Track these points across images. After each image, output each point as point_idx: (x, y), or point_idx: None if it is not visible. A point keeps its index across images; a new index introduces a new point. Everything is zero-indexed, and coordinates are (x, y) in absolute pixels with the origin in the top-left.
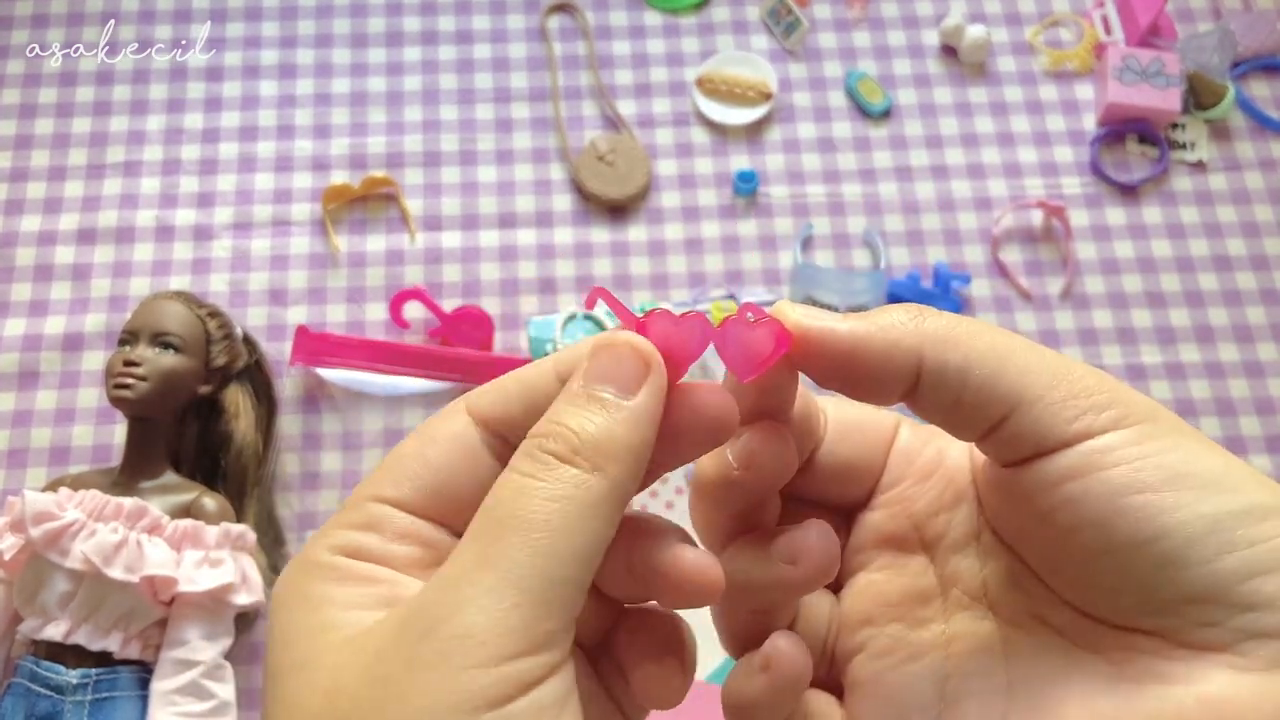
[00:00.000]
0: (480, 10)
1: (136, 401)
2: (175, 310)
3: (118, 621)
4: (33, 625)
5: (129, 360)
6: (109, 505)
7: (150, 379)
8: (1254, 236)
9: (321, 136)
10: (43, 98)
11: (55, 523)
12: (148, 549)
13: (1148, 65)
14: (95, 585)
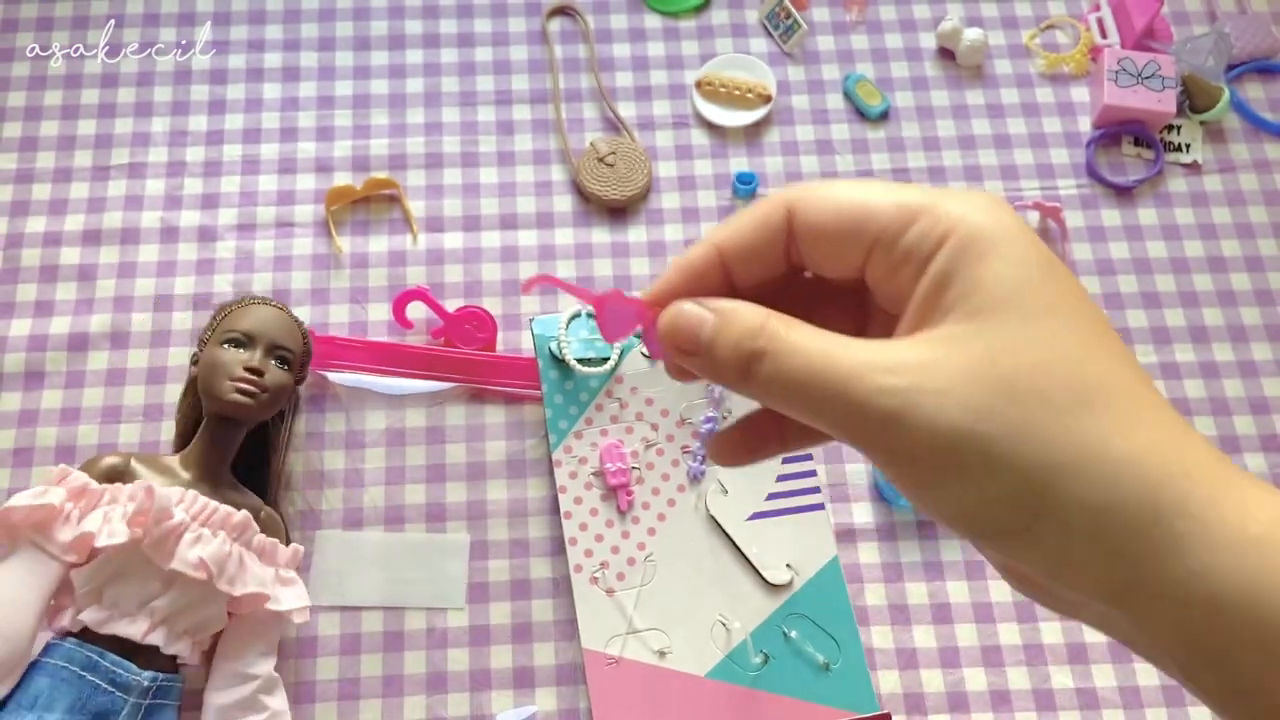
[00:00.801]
0: (482, 13)
1: (255, 410)
2: (289, 326)
3: (192, 628)
4: (98, 617)
5: (254, 369)
6: (217, 513)
7: (269, 392)
8: (1248, 238)
9: (324, 138)
10: (48, 100)
11: (171, 522)
12: (249, 564)
13: (1143, 68)
14: (186, 591)
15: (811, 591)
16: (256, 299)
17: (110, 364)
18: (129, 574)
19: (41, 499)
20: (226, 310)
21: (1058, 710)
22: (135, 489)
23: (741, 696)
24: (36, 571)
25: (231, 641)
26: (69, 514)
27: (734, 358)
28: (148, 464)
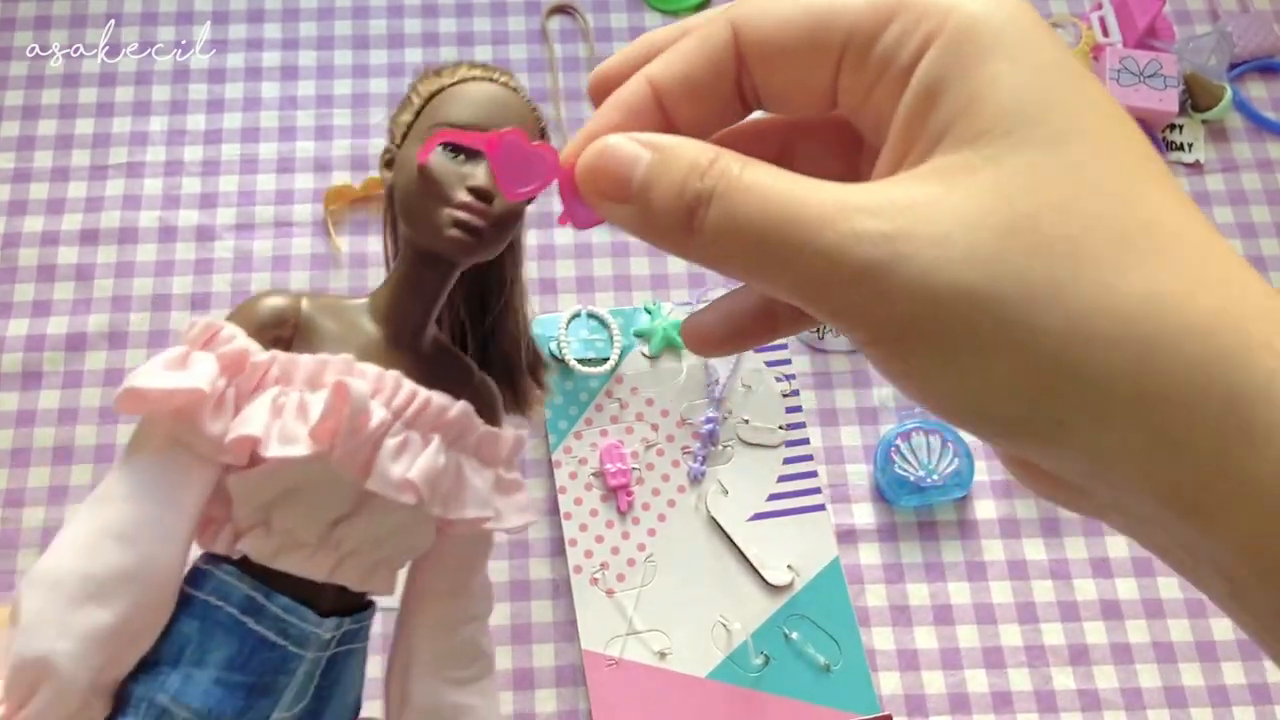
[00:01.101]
0: (481, 12)
1: (478, 249)
2: (526, 114)
3: (388, 559)
4: (265, 548)
5: (482, 190)
6: (429, 406)
7: (500, 224)
8: (1250, 237)
9: (323, 138)
10: (45, 99)
11: (370, 425)
12: (468, 476)
13: (1145, 67)
14: (384, 515)
15: (812, 592)
16: (474, 67)
17: (108, 364)
18: (309, 492)
19: (184, 378)
20: (434, 81)
21: (1059, 712)
22: (316, 369)
23: (742, 698)
24: (181, 481)
25: (439, 569)
26: (223, 395)
27: (676, 203)
28: (325, 314)
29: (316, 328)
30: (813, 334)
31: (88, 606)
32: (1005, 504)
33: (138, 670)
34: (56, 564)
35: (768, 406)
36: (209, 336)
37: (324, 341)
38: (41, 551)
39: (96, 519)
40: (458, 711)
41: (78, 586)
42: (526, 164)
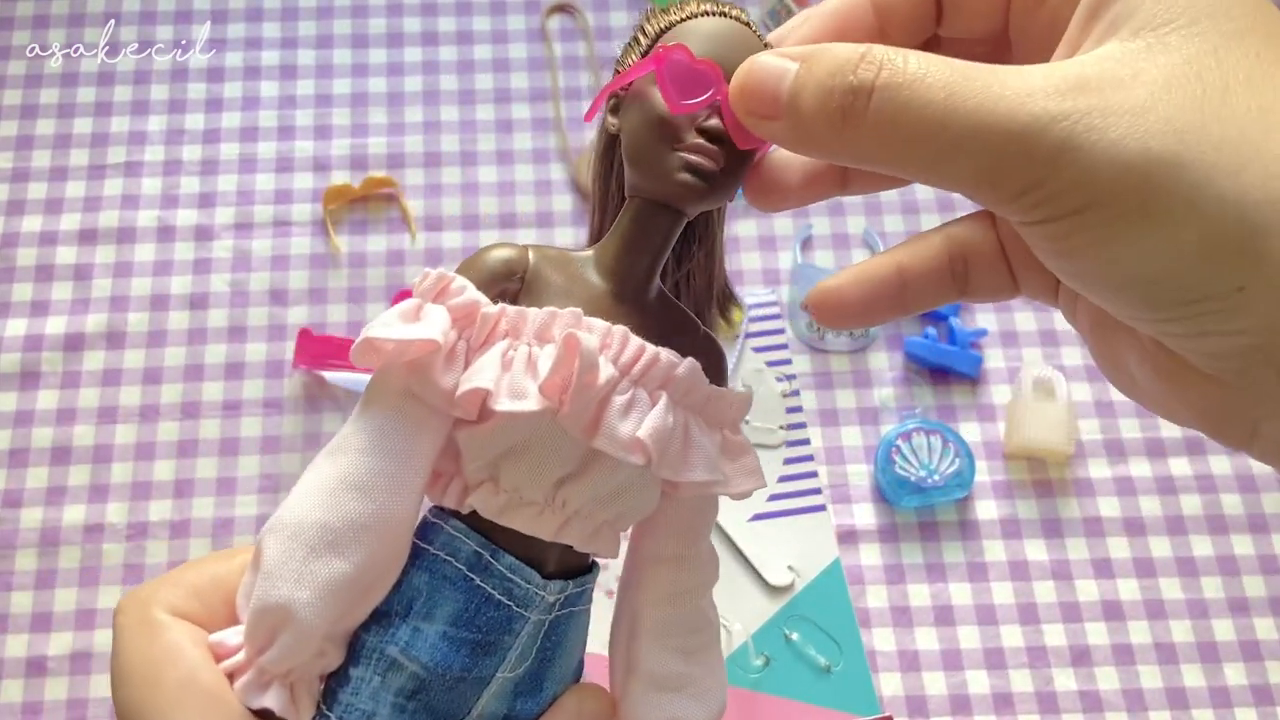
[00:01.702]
0: (481, 11)
1: (710, 196)
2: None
3: (615, 519)
4: (494, 504)
5: (714, 131)
6: (658, 363)
7: (730, 169)
8: None
9: (322, 137)
10: (44, 98)
11: (598, 382)
12: (696, 436)
13: None
14: (612, 473)
15: (813, 593)
16: (712, 1)
17: (106, 364)
18: (535, 449)
19: (418, 329)
20: (661, 19)
21: (1061, 713)
22: (545, 322)
23: (742, 699)
24: (414, 433)
25: (665, 534)
26: (454, 348)
27: (826, 102)
28: (551, 266)
29: (543, 280)
30: (813, 334)
31: (326, 556)
32: (1006, 504)
33: (370, 620)
34: (296, 512)
35: (768, 406)
36: (441, 288)
37: (550, 294)
38: (39, 551)
39: (334, 469)
40: (684, 681)
41: (316, 535)
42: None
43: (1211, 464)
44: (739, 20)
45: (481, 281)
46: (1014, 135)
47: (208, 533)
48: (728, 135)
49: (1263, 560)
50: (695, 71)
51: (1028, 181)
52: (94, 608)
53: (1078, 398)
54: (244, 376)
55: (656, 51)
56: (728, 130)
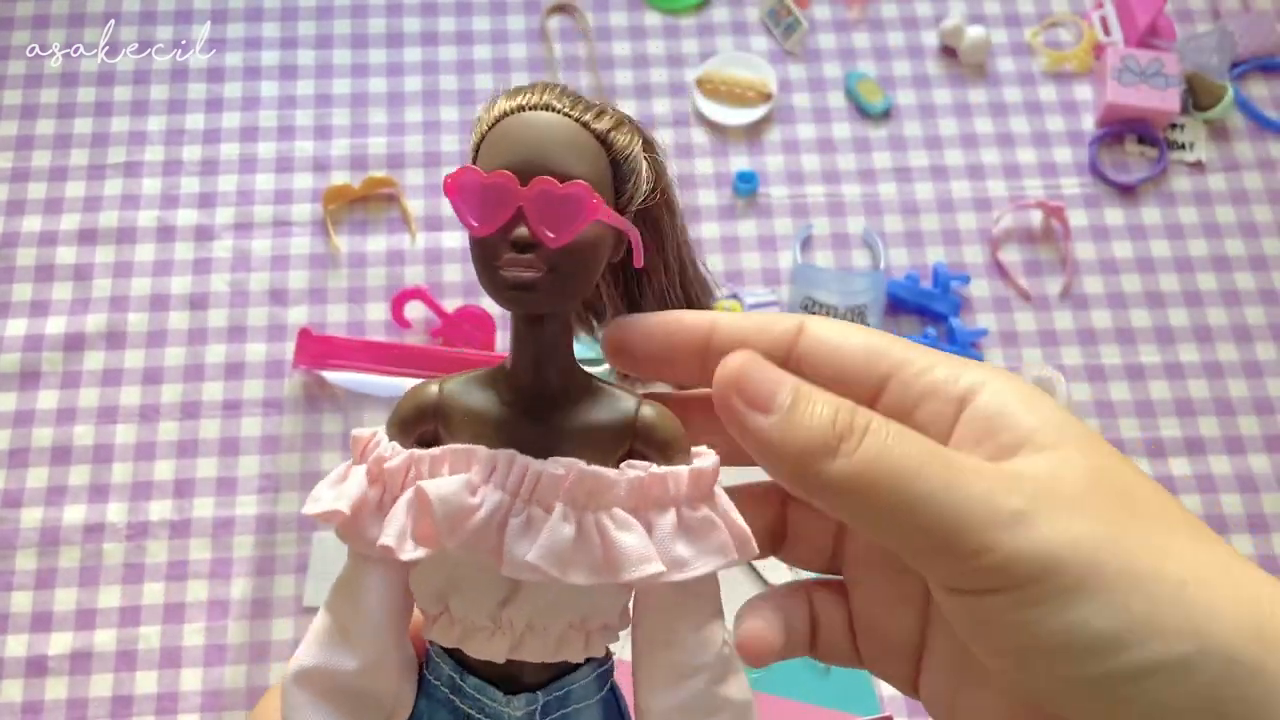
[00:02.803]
0: (480, 11)
1: (546, 300)
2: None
3: (574, 625)
4: (449, 634)
5: (522, 241)
6: (541, 479)
7: (558, 269)
8: (1253, 237)
9: (322, 137)
10: (44, 98)
11: (478, 517)
12: (615, 536)
13: (1146, 66)
14: (542, 589)
15: None
16: (515, 94)
17: (106, 364)
18: (467, 580)
19: (331, 499)
20: (479, 127)
21: None
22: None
23: None
24: (366, 586)
25: (649, 620)
26: (380, 502)
27: (824, 429)
28: (463, 393)
29: (457, 409)
30: None
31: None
32: None
33: None
34: (304, 661)
35: None
36: (362, 449)
37: (464, 423)
38: (40, 551)
39: (327, 623)
40: None
41: (322, 681)
42: (562, 206)
43: (1211, 464)
44: (549, 107)
45: (400, 429)
46: (975, 502)
47: (208, 533)
48: (536, 240)
49: (1263, 560)
50: (486, 188)
51: (977, 551)
52: (94, 608)
53: (1078, 398)
54: (244, 376)
55: (445, 180)
56: (533, 235)
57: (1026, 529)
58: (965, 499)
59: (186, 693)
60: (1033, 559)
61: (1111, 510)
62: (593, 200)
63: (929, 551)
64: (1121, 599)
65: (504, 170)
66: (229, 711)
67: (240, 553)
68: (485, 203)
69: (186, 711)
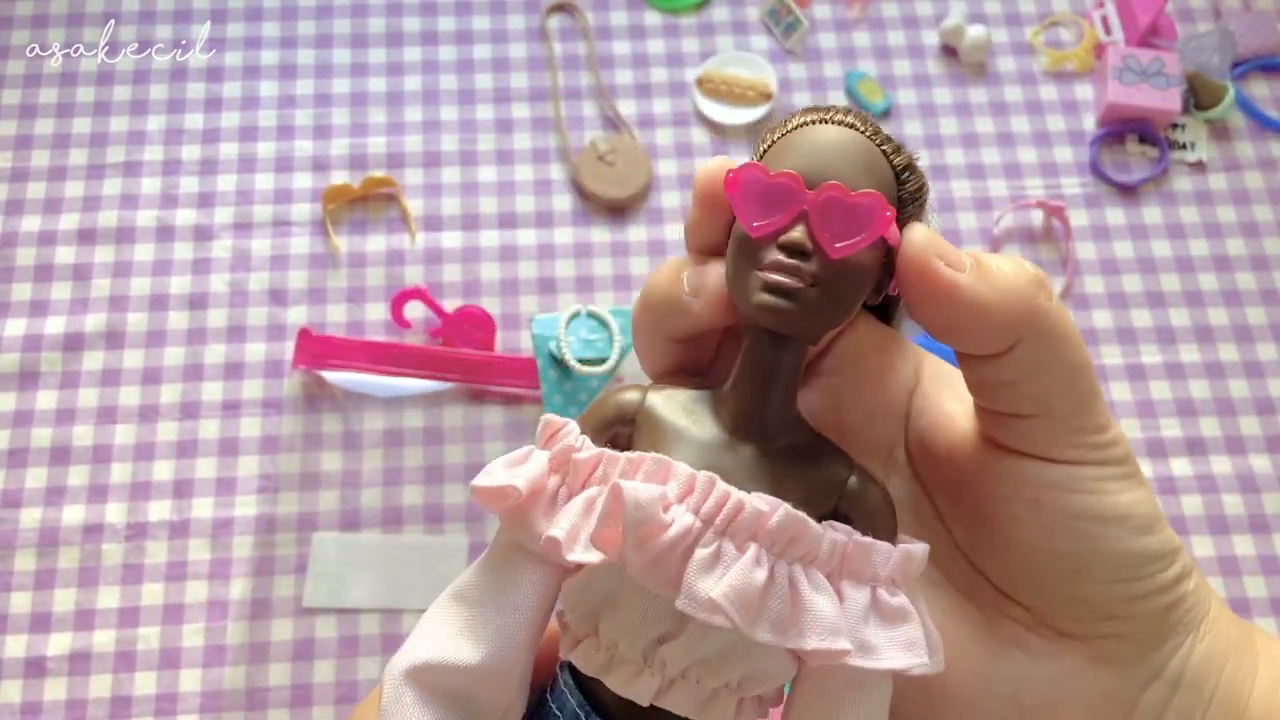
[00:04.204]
0: (480, 10)
1: (800, 319)
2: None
3: (730, 685)
4: (590, 660)
5: (793, 244)
6: (743, 512)
7: (821, 283)
8: (1254, 237)
9: (322, 137)
10: (43, 98)
11: (666, 536)
12: (808, 595)
13: (1147, 65)
14: (709, 635)
15: None
16: (810, 111)
17: (105, 364)
18: (629, 602)
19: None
20: (771, 136)
21: None
22: (628, 468)
23: None
24: (516, 582)
25: (810, 705)
26: (556, 494)
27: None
28: (672, 405)
29: (656, 422)
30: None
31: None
32: None
33: None
34: (415, 654)
35: None
36: (549, 434)
37: (661, 436)
38: (39, 551)
39: (454, 614)
40: None
41: (434, 678)
42: (851, 217)
43: (1212, 464)
44: (844, 123)
45: (593, 426)
46: None
47: (207, 533)
48: (813, 246)
49: (1263, 560)
50: (771, 187)
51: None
52: (93, 608)
53: None
54: (244, 376)
55: (728, 174)
56: (814, 238)
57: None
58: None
59: (186, 693)
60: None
61: None
62: (885, 213)
63: (1073, 415)
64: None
65: (792, 171)
66: (228, 712)
67: (240, 553)
68: (768, 202)
69: (186, 712)
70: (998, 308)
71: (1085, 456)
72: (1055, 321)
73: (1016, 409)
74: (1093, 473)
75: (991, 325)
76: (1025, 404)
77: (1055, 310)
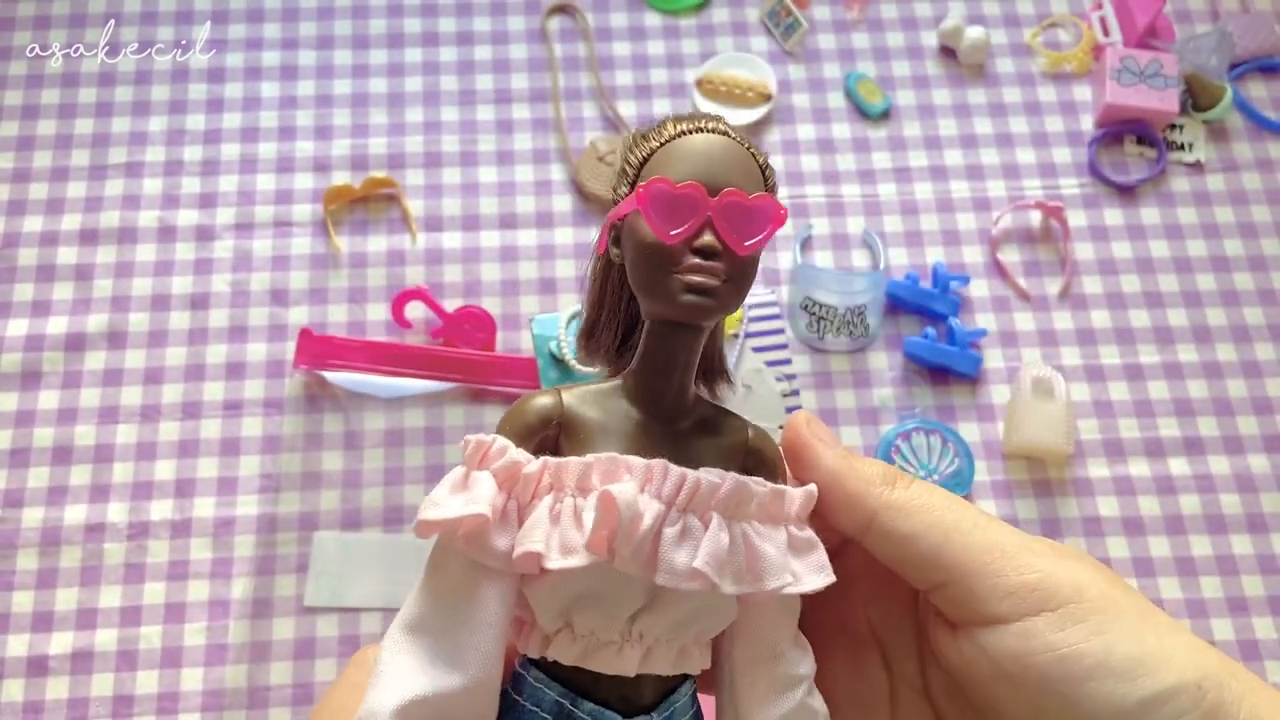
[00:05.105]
0: (481, 12)
1: (718, 310)
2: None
3: (700, 635)
4: (573, 651)
5: (708, 248)
6: (700, 488)
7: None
8: (1251, 237)
9: (323, 138)
10: (45, 99)
11: (644, 526)
12: (756, 543)
13: (1145, 66)
14: (681, 600)
15: None
16: (680, 120)
17: (107, 364)
18: (603, 592)
19: (467, 503)
20: (644, 146)
21: None
22: (583, 472)
23: None
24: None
25: (757, 633)
26: (505, 510)
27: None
28: (585, 404)
29: (579, 420)
30: (813, 334)
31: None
32: (1006, 504)
33: None
34: (399, 693)
35: (768, 406)
36: (482, 454)
37: (588, 433)
38: (41, 551)
39: (420, 646)
40: None
41: (422, 712)
42: (749, 218)
43: (1211, 464)
44: (717, 131)
45: (519, 435)
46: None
47: (208, 532)
48: (723, 248)
49: (1262, 560)
50: (678, 198)
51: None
52: (95, 607)
53: (1076, 398)
54: (245, 376)
55: (638, 189)
56: (723, 242)
57: (1057, 560)
58: (1002, 530)
59: (187, 692)
60: (1067, 579)
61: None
62: (780, 211)
63: (974, 572)
64: (1137, 627)
65: (693, 181)
66: (229, 711)
67: (241, 552)
68: (676, 210)
69: (187, 711)
70: (861, 485)
71: (1023, 606)
72: (909, 497)
73: (930, 580)
74: (1043, 623)
75: (851, 499)
76: (932, 573)
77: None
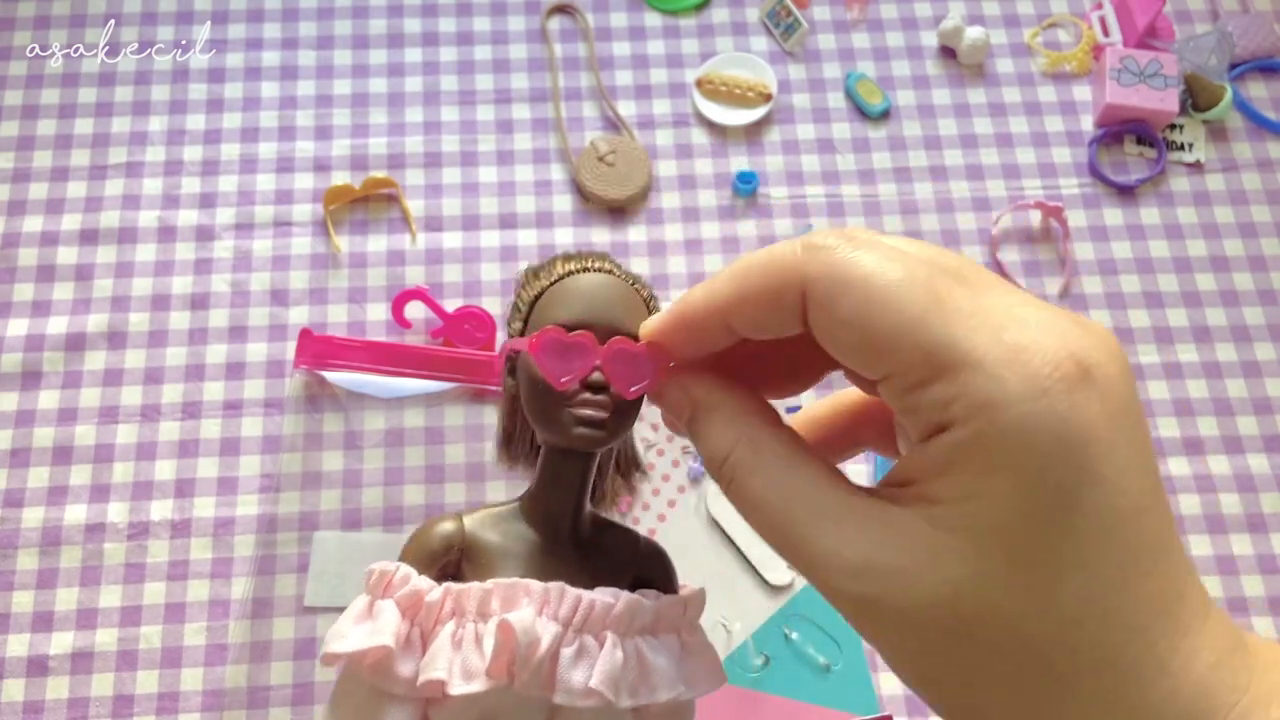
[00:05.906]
0: (481, 12)
1: (608, 440)
2: (628, 296)
3: None
4: None
5: (597, 385)
6: (595, 609)
7: (623, 411)
8: (1251, 237)
9: (323, 138)
10: (45, 99)
11: (542, 650)
12: (650, 658)
13: (1145, 66)
14: (577, 713)
15: (812, 592)
16: (569, 260)
17: (107, 364)
18: (503, 714)
19: (372, 634)
20: (535, 285)
21: None
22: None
23: (742, 698)
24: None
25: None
26: (408, 638)
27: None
28: (485, 528)
29: (480, 545)
30: None
31: None
32: None
33: None
34: None
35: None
36: (386, 583)
37: (489, 557)
38: (41, 551)
39: None
40: None
41: None
42: (635, 363)
43: (1211, 464)
44: (603, 270)
45: (423, 562)
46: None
47: (209, 532)
48: (610, 386)
49: (1262, 560)
50: (569, 345)
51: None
52: (95, 607)
53: None
54: (245, 376)
55: (531, 338)
56: (610, 383)
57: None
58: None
59: (187, 692)
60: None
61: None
62: (666, 363)
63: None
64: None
65: (583, 330)
66: (229, 711)
67: (241, 552)
68: (567, 359)
69: (187, 711)
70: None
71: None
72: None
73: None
74: None
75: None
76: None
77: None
